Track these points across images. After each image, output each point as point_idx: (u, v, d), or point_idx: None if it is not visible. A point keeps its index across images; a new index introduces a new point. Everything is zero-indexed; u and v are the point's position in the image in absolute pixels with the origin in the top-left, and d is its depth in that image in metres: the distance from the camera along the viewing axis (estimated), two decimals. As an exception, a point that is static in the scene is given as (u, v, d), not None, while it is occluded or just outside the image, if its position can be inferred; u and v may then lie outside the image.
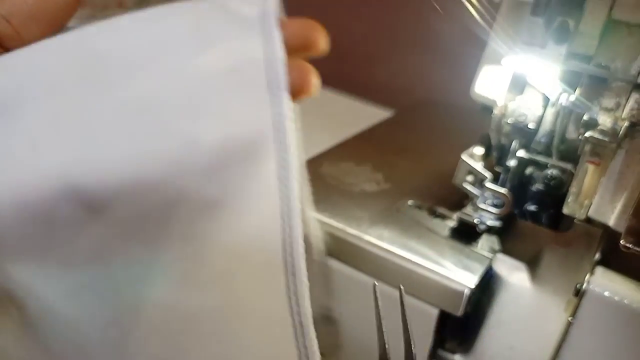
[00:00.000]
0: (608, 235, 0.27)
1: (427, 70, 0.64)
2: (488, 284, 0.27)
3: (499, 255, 0.27)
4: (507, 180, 0.28)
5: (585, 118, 0.24)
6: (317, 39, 0.18)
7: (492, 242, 0.27)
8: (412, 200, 0.30)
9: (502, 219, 0.27)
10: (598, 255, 0.25)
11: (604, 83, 0.25)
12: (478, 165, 0.27)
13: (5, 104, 0.16)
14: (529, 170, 0.28)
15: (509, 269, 0.27)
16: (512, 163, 0.28)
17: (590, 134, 0.24)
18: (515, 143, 0.28)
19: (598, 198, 0.25)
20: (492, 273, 0.27)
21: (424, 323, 0.25)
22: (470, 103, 0.33)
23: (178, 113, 0.17)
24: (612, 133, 0.23)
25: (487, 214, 0.27)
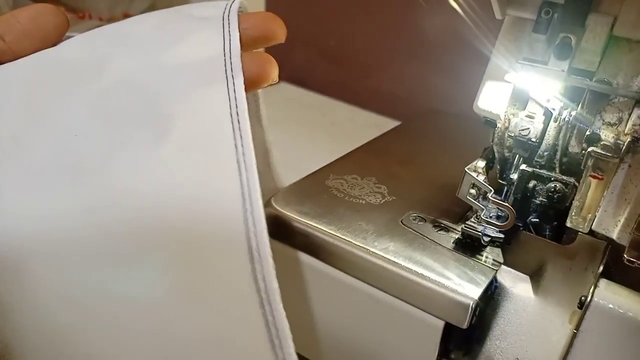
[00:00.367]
0: (612, 249, 0.27)
1: (431, 81, 0.65)
2: (492, 296, 0.27)
3: (503, 268, 0.27)
4: (510, 194, 0.29)
5: (588, 133, 0.25)
6: (275, 30, 0.21)
7: (496, 254, 0.28)
8: (416, 213, 0.30)
9: (505, 232, 0.28)
10: (601, 268, 0.26)
11: (606, 98, 0.25)
12: (481, 179, 0.27)
13: None
14: (532, 184, 0.28)
15: (513, 281, 0.27)
16: (515, 176, 0.28)
17: (593, 149, 0.24)
18: (518, 157, 0.28)
19: (601, 212, 0.25)
20: (496, 285, 0.27)
21: (430, 335, 0.25)
22: (474, 114, 0.33)
23: (143, 101, 0.18)
24: (614, 148, 0.24)
25: (490, 227, 0.27)
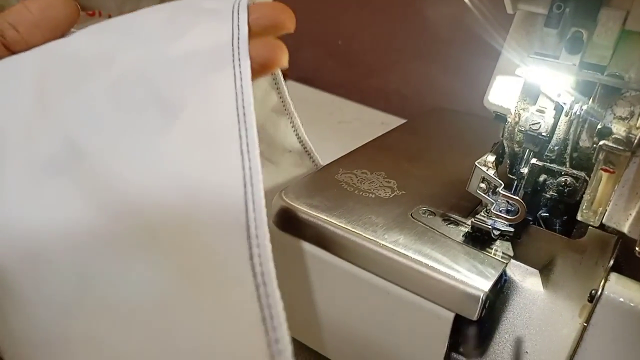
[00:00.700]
0: (622, 242, 0.27)
1: (439, 78, 0.65)
2: (502, 289, 0.27)
3: (513, 262, 0.27)
4: (520, 188, 0.29)
5: (600, 126, 0.25)
6: (285, 19, 0.21)
7: (505, 248, 0.28)
8: (426, 207, 0.31)
9: (515, 226, 0.28)
10: (612, 262, 0.26)
11: (618, 93, 0.25)
12: (491, 173, 0.28)
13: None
14: (543, 178, 0.28)
15: (523, 275, 0.27)
16: (525, 170, 0.28)
17: (605, 142, 0.24)
18: (528, 151, 0.28)
19: (612, 205, 0.25)
20: (506, 278, 0.27)
21: (440, 327, 0.25)
22: (482, 111, 0.33)
23: (153, 88, 0.18)
24: (626, 141, 0.24)
25: (500, 220, 0.28)
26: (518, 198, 0.27)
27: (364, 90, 0.72)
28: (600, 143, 0.24)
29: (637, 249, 0.23)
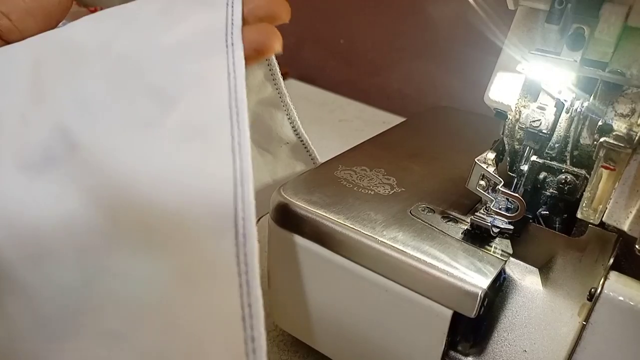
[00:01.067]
0: (622, 241, 0.27)
1: (440, 78, 0.65)
2: (501, 287, 0.27)
3: (512, 260, 0.27)
4: (520, 185, 0.29)
5: (600, 123, 0.25)
6: (280, 10, 0.21)
7: (505, 245, 0.28)
8: (425, 204, 0.30)
9: (515, 224, 0.28)
10: (612, 260, 0.26)
11: (619, 89, 0.25)
12: (491, 170, 0.27)
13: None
14: (543, 175, 0.28)
15: (522, 273, 0.27)
16: (525, 168, 0.28)
17: (605, 139, 0.24)
18: (529, 149, 0.28)
19: (612, 203, 0.25)
20: (505, 276, 0.27)
21: (438, 324, 0.25)
22: (482, 109, 0.33)
23: (147, 76, 0.19)
24: (627, 138, 0.24)
25: (500, 218, 0.27)
26: (518, 195, 0.27)
27: (366, 89, 0.71)
28: (601, 140, 0.24)
29: (637, 247, 0.23)
